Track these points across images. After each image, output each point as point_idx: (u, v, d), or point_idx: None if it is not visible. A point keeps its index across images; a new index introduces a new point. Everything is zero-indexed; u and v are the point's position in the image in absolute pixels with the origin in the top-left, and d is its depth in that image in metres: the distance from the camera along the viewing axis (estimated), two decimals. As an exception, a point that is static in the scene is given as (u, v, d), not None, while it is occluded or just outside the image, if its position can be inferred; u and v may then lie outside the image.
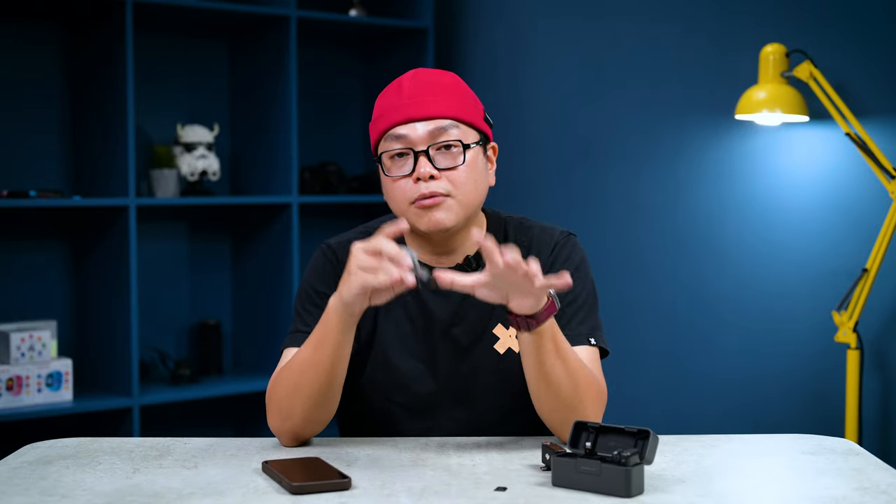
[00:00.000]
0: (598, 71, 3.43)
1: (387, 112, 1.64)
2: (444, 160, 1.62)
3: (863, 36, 2.72)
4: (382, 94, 1.68)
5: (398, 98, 1.64)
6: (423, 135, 1.62)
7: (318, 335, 1.54)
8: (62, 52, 3.50)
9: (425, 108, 1.62)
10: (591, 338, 1.67)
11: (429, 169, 1.60)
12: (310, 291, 1.71)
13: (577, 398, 1.56)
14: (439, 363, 1.69)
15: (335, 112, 4.10)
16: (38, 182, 3.43)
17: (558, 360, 1.53)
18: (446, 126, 1.62)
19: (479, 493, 1.35)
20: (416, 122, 1.62)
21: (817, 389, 2.82)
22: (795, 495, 1.37)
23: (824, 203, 2.81)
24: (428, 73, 1.67)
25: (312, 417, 1.58)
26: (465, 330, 1.69)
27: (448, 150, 1.62)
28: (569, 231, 1.76)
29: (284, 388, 1.58)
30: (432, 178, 1.61)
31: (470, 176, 1.63)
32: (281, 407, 1.59)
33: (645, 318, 3.26)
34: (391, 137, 1.63)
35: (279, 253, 3.64)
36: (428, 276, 1.44)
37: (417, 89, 1.64)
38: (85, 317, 3.51)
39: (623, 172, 3.35)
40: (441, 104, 1.63)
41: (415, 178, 1.61)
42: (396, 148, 1.63)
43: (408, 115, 1.62)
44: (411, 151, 1.62)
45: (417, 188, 1.61)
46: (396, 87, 1.66)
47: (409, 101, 1.63)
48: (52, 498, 1.34)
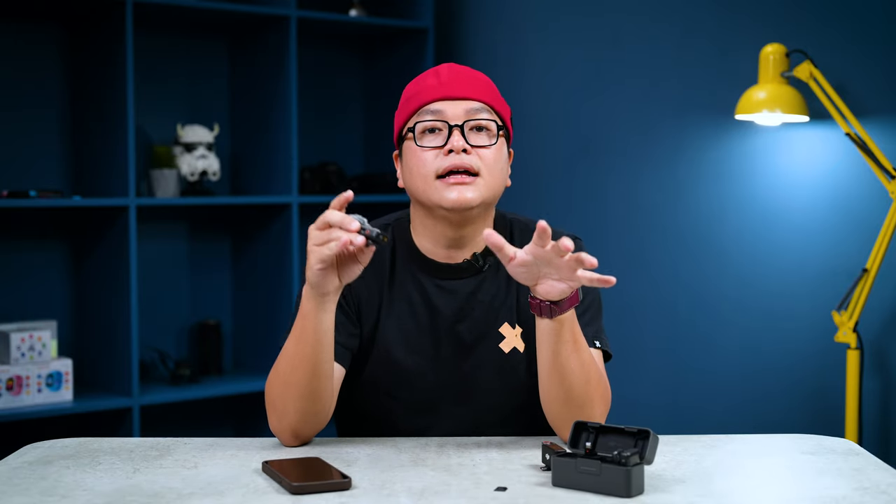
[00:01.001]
0: (599, 71, 3.43)
1: (422, 91, 1.67)
2: (477, 138, 1.65)
3: (863, 36, 2.72)
4: (414, 81, 1.72)
5: (436, 79, 1.67)
6: (460, 111, 1.65)
7: (298, 327, 1.54)
8: (62, 52, 3.50)
9: (463, 89, 1.66)
10: (596, 340, 1.68)
11: (462, 142, 1.63)
12: None
13: (587, 395, 1.57)
14: (442, 360, 1.69)
15: (335, 112, 4.10)
16: (38, 182, 3.43)
17: (574, 352, 1.54)
18: (481, 108, 1.66)
19: (479, 493, 1.35)
20: (454, 100, 1.65)
21: (817, 389, 2.82)
22: (795, 495, 1.37)
23: (824, 203, 2.81)
24: (464, 66, 1.72)
25: (307, 411, 1.58)
26: (469, 327, 1.69)
27: (481, 130, 1.66)
28: (574, 234, 1.77)
29: (277, 386, 1.59)
30: (464, 152, 1.63)
31: (498, 160, 1.66)
32: (276, 406, 1.59)
33: (645, 317, 3.26)
34: (426, 112, 1.66)
35: (279, 253, 3.63)
36: (378, 232, 1.45)
37: (455, 75, 1.68)
38: (85, 317, 3.51)
39: (623, 172, 3.35)
40: (478, 89, 1.68)
41: (447, 149, 1.63)
42: (431, 119, 1.65)
43: (445, 93, 1.66)
44: (446, 126, 1.64)
45: (448, 160, 1.63)
46: (433, 73, 1.70)
47: (448, 82, 1.67)
48: (52, 498, 1.34)
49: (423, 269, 1.71)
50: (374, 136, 4.12)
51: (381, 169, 4.03)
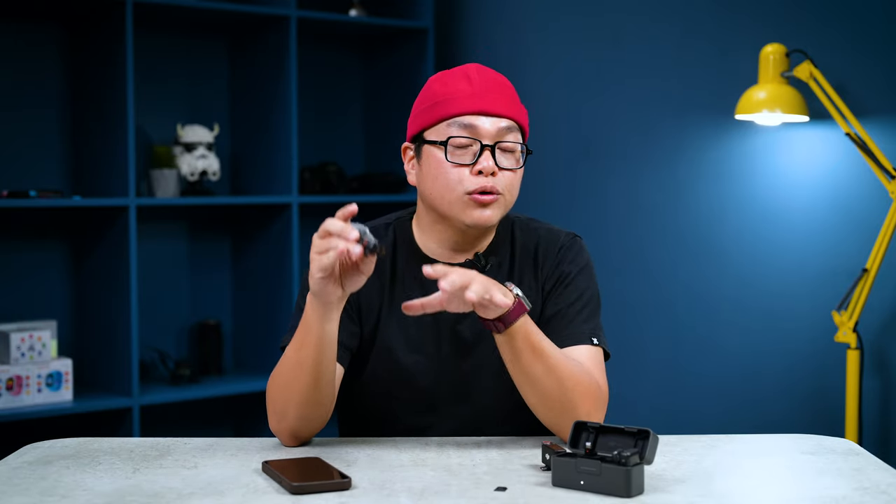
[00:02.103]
0: (599, 71, 3.43)
1: (455, 97, 1.65)
2: (505, 160, 1.65)
3: (863, 36, 2.72)
4: (442, 80, 1.69)
5: (469, 86, 1.65)
6: (494, 130, 1.64)
7: (301, 334, 1.54)
8: (62, 52, 3.50)
9: (497, 104, 1.65)
10: (593, 337, 1.67)
11: (493, 164, 1.62)
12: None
13: (564, 397, 1.56)
14: (442, 359, 1.69)
15: (335, 112, 4.10)
16: (38, 182, 3.43)
17: (536, 359, 1.54)
18: (511, 127, 1.65)
19: (479, 493, 1.35)
20: (490, 117, 1.64)
21: (817, 389, 2.82)
22: (795, 495, 1.37)
23: (824, 203, 2.81)
24: (492, 71, 1.70)
25: (307, 416, 1.58)
26: (469, 326, 1.70)
27: (510, 151, 1.65)
28: (574, 233, 1.77)
29: (277, 388, 1.59)
30: (492, 174, 1.62)
31: (518, 180, 1.68)
32: (276, 407, 1.59)
33: (645, 317, 3.26)
34: (459, 124, 1.64)
35: (279, 253, 3.64)
36: (375, 243, 1.44)
37: (488, 84, 1.66)
38: (85, 317, 3.51)
39: (623, 172, 3.35)
40: (510, 105, 1.66)
41: (476, 170, 1.62)
42: (464, 136, 1.63)
43: (481, 106, 1.64)
44: (478, 143, 1.63)
45: (478, 181, 1.62)
46: (462, 74, 1.67)
47: (483, 92, 1.65)
48: (52, 498, 1.34)
49: None
50: (374, 136, 4.12)
51: (381, 169, 4.03)
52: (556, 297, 1.70)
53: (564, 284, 1.70)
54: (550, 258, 1.72)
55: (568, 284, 1.70)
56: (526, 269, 1.72)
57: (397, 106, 3.99)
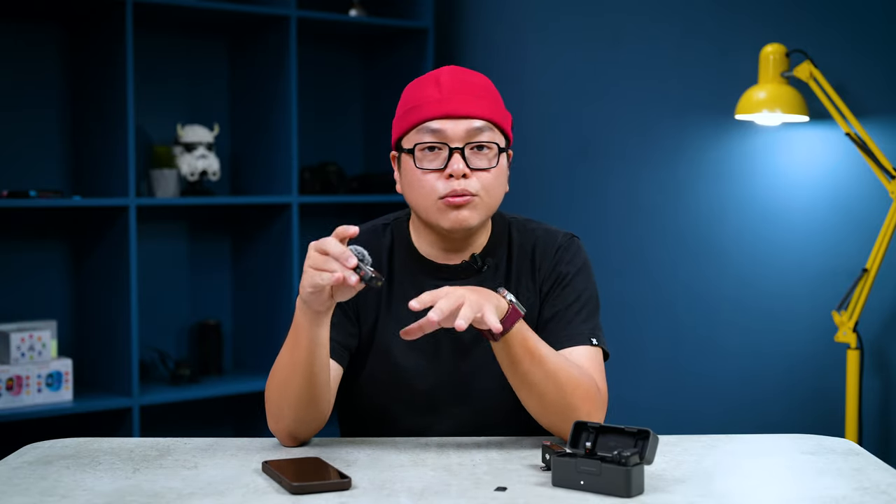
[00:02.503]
0: (598, 71, 3.43)
1: (423, 104, 1.64)
2: (478, 160, 1.63)
3: (863, 36, 2.72)
4: (414, 86, 1.68)
5: (436, 92, 1.64)
6: (461, 132, 1.62)
7: (293, 336, 1.54)
8: (62, 52, 3.50)
9: (465, 106, 1.62)
10: (592, 338, 1.67)
11: (463, 167, 1.61)
12: None
13: (564, 401, 1.56)
14: (441, 360, 1.69)
15: (335, 112, 4.10)
16: (38, 182, 3.43)
17: (534, 364, 1.53)
18: (483, 127, 1.63)
19: (479, 493, 1.35)
20: (455, 119, 1.62)
21: (817, 389, 2.82)
22: (795, 495, 1.37)
23: (824, 203, 2.81)
24: (465, 72, 1.67)
25: (304, 417, 1.58)
26: (468, 328, 1.69)
27: (482, 150, 1.63)
28: (572, 233, 1.77)
29: (274, 389, 1.59)
30: (464, 177, 1.61)
31: (498, 179, 1.65)
32: (273, 408, 1.59)
33: (645, 317, 3.26)
34: (426, 130, 1.63)
35: (279, 253, 3.63)
36: (372, 276, 1.43)
37: (456, 86, 1.64)
38: (85, 317, 3.51)
39: (623, 172, 3.35)
40: (480, 105, 1.64)
41: (447, 174, 1.61)
42: (431, 141, 1.62)
43: (447, 110, 1.62)
44: (446, 147, 1.62)
45: (449, 185, 1.61)
46: (433, 80, 1.66)
47: (449, 96, 1.63)
48: (52, 498, 1.34)
49: (421, 270, 1.71)
50: (374, 136, 4.12)
51: (381, 169, 4.03)
52: (554, 298, 1.69)
53: (562, 285, 1.70)
54: (548, 259, 1.72)
55: (566, 285, 1.70)
56: (523, 270, 1.72)
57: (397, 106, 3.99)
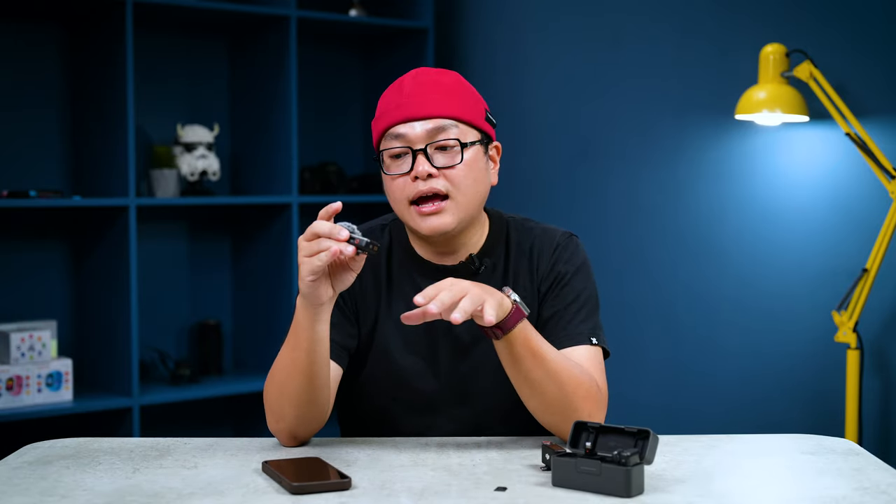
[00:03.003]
0: (598, 71, 3.43)
1: (387, 111, 1.65)
2: (442, 159, 1.63)
3: (863, 36, 2.72)
4: (384, 94, 1.69)
5: (398, 97, 1.64)
6: (421, 133, 1.62)
7: (293, 336, 1.54)
8: (62, 52, 3.50)
9: (424, 107, 1.63)
10: (592, 337, 1.67)
11: (426, 167, 1.61)
12: None
13: (566, 400, 1.56)
14: (440, 361, 1.69)
15: (335, 112, 4.10)
16: (38, 182, 3.43)
17: (536, 364, 1.53)
18: (445, 125, 1.62)
19: (479, 493, 1.35)
20: (415, 122, 1.62)
21: (817, 389, 2.82)
22: (795, 495, 1.37)
23: (824, 203, 2.81)
24: (428, 73, 1.67)
25: (304, 416, 1.58)
26: (467, 328, 1.69)
27: (446, 149, 1.63)
28: (570, 232, 1.76)
29: (273, 389, 1.59)
30: (430, 177, 1.61)
31: (469, 175, 1.63)
32: (273, 408, 1.59)
33: (645, 317, 3.26)
34: (390, 136, 1.64)
35: (279, 253, 3.64)
36: (367, 242, 1.44)
37: (417, 88, 1.64)
38: (85, 317, 3.51)
39: (623, 172, 3.35)
40: (440, 103, 1.63)
41: (412, 176, 1.61)
42: (395, 146, 1.63)
43: (406, 114, 1.62)
44: (410, 150, 1.62)
45: (415, 186, 1.61)
46: (397, 86, 1.67)
47: (409, 100, 1.63)
48: (52, 498, 1.34)
49: (419, 271, 1.71)
50: (374, 136, 4.12)
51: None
52: (553, 297, 1.69)
53: (561, 285, 1.70)
54: (546, 258, 1.72)
55: (565, 285, 1.70)
56: (521, 270, 1.72)
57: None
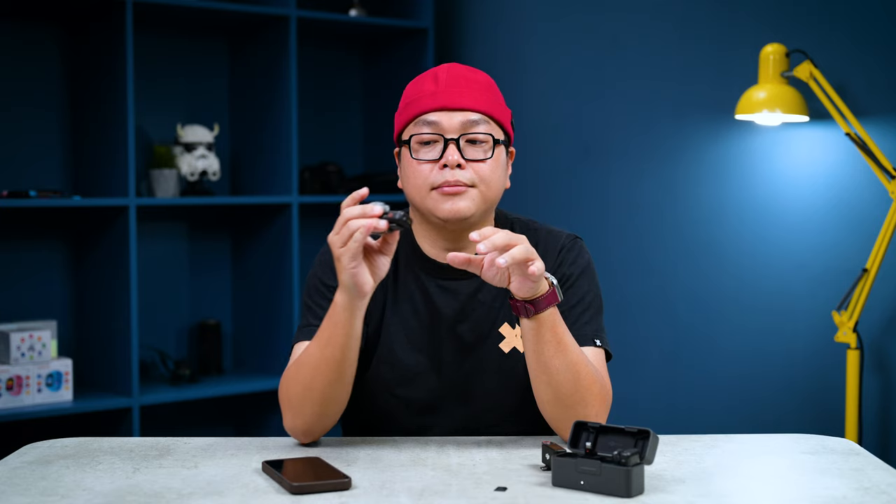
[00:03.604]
0: (598, 71, 3.43)
1: (420, 98, 1.66)
2: (473, 152, 1.64)
3: (863, 36, 2.72)
4: (414, 82, 1.70)
5: (433, 85, 1.66)
6: (457, 123, 1.64)
7: (327, 332, 1.54)
8: (62, 52, 3.50)
9: (461, 98, 1.64)
10: (596, 339, 1.67)
11: (457, 157, 1.62)
12: (318, 285, 1.71)
13: (578, 394, 1.56)
14: (443, 360, 1.70)
15: (335, 112, 4.10)
16: (38, 182, 3.43)
17: (558, 352, 1.54)
18: (479, 119, 1.65)
19: (479, 493, 1.35)
20: (452, 111, 1.64)
21: (817, 389, 2.82)
22: (795, 495, 1.37)
23: (824, 203, 2.81)
24: (464, 68, 1.70)
25: (325, 413, 1.58)
26: (470, 327, 1.70)
27: (477, 143, 1.65)
28: (575, 235, 1.77)
29: (297, 387, 1.58)
30: (459, 167, 1.62)
31: (495, 171, 1.66)
32: (293, 405, 1.58)
33: (645, 317, 3.26)
34: (422, 122, 1.65)
35: (279, 253, 3.63)
36: (402, 215, 1.45)
37: (454, 80, 1.66)
38: (85, 317, 3.51)
39: (623, 172, 3.35)
40: (478, 98, 1.65)
41: (441, 164, 1.62)
42: (427, 133, 1.64)
43: (442, 102, 1.64)
44: (441, 138, 1.63)
45: (442, 174, 1.62)
46: (431, 76, 1.68)
47: (447, 89, 1.65)
48: (52, 498, 1.34)
49: (424, 270, 1.72)
50: (374, 136, 4.12)
51: (381, 169, 4.03)
52: None
53: (567, 286, 1.71)
54: (550, 259, 1.72)
55: (570, 287, 1.71)
56: None
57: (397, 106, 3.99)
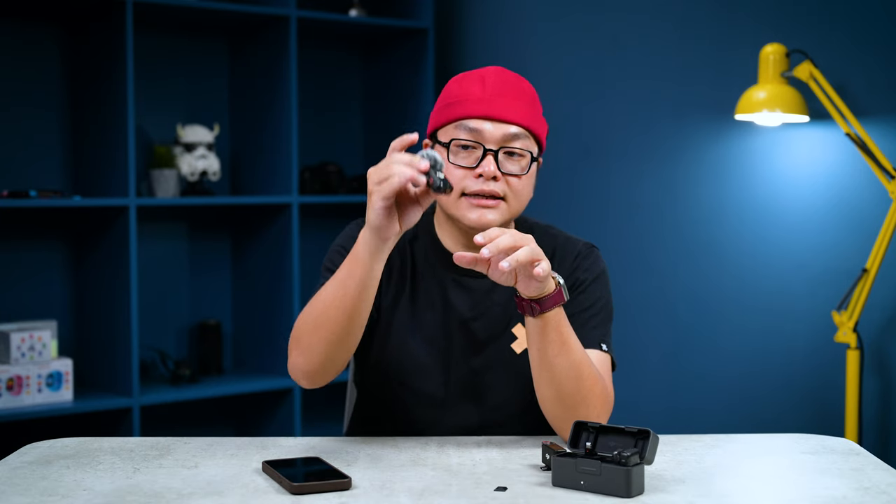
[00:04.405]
0: (598, 71, 3.43)
1: (466, 100, 1.65)
2: (510, 165, 1.64)
3: (863, 36, 2.72)
4: (458, 81, 1.69)
5: (481, 90, 1.65)
6: (498, 135, 1.63)
7: (345, 271, 1.52)
8: (62, 52, 3.50)
9: (507, 110, 1.64)
10: (602, 343, 1.68)
11: (494, 169, 1.62)
12: (342, 251, 1.69)
13: (579, 394, 1.57)
14: (453, 355, 1.70)
15: (335, 112, 4.10)
16: (38, 182, 3.43)
17: (562, 352, 1.54)
18: (521, 134, 1.65)
19: (479, 493, 1.35)
20: (494, 122, 1.63)
21: (817, 389, 2.82)
22: (795, 495, 1.37)
23: (824, 203, 2.81)
24: (511, 76, 1.68)
25: (332, 356, 1.56)
26: (484, 325, 1.70)
27: (514, 156, 1.64)
28: (592, 243, 1.78)
29: (308, 324, 1.56)
30: (494, 178, 1.62)
31: (527, 186, 1.67)
32: (302, 343, 1.57)
33: (645, 317, 3.27)
34: (464, 128, 1.64)
35: (279, 253, 3.63)
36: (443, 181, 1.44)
37: (501, 88, 1.65)
38: (85, 317, 3.51)
39: (623, 172, 3.35)
40: (521, 111, 1.65)
41: (477, 173, 1.62)
42: (467, 139, 1.63)
43: (488, 111, 1.63)
44: (481, 147, 1.63)
45: (476, 183, 1.62)
46: (478, 77, 1.67)
47: (493, 97, 1.64)
48: (52, 498, 1.34)
49: (443, 264, 1.72)
50: (374, 136, 4.12)
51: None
52: (570, 302, 1.70)
53: (579, 291, 1.72)
54: (567, 264, 1.74)
55: (582, 291, 1.72)
56: None
57: (397, 106, 3.99)
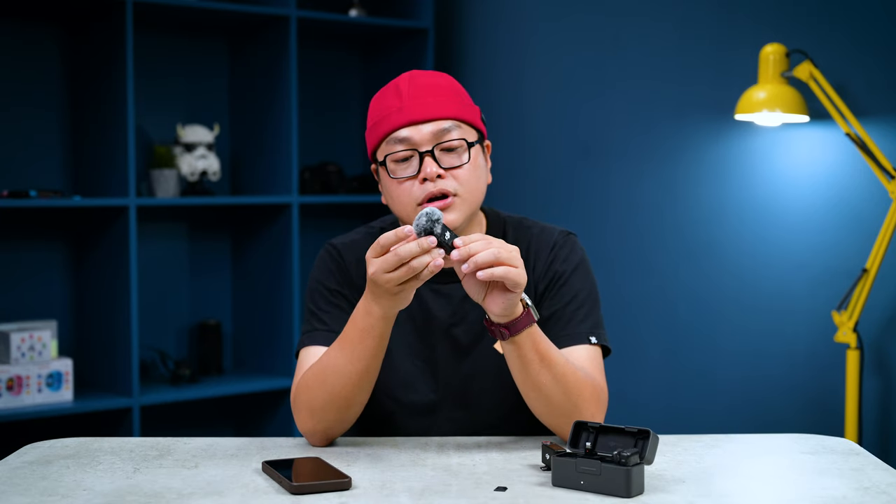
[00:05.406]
0: (599, 71, 3.43)
1: (387, 115, 1.63)
2: (449, 159, 1.62)
3: (863, 36, 2.72)
4: (378, 98, 1.67)
5: (398, 100, 1.63)
6: (427, 135, 1.61)
7: (357, 343, 1.54)
8: (62, 52, 3.50)
9: (427, 109, 1.62)
10: (591, 336, 1.67)
11: (435, 168, 1.60)
12: (322, 290, 1.71)
13: (570, 403, 1.56)
14: (439, 363, 1.69)
15: (335, 112, 4.10)
16: (38, 182, 3.43)
17: (543, 368, 1.53)
18: (449, 126, 1.62)
19: (479, 493, 1.35)
20: (420, 124, 1.61)
21: (817, 389, 2.82)
22: (795, 495, 1.37)
23: (824, 203, 2.81)
24: (424, 75, 1.67)
25: (345, 418, 1.60)
26: (465, 330, 1.69)
27: (452, 150, 1.63)
28: (568, 230, 1.76)
29: (322, 395, 1.57)
30: (439, 178, 1.61)
31: (474, 174, 1.64)
32: (314, 411, 1.58)
33: (645, 317, 3.26)
34: (394, 140, 1.62)
35: (279, 253, 3.64)
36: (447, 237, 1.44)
37: (416, 91, 1.63)
38: (85, 317, 3.51)
39: (623, 172, 3.35)
40: (442, 105, 1.63)
41: (421, 178, 1.61)
42: (401, 150, 1.62)
43: (410, 117, 1.61)
44: (416, 153, 1.61)
45: (424, 188, 1.60)
46: (394, 89, 1.65)
47: (410, 102, 1.62)
48: (52, 498, 1.34)
49: None
50: (374, 136, 4.12)
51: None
52: (552, 297, 1.69)
53: (559, 284, 1.70)
54: (543, 258, 1.72)
55: (563, 284, 1.70)
56: None
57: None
